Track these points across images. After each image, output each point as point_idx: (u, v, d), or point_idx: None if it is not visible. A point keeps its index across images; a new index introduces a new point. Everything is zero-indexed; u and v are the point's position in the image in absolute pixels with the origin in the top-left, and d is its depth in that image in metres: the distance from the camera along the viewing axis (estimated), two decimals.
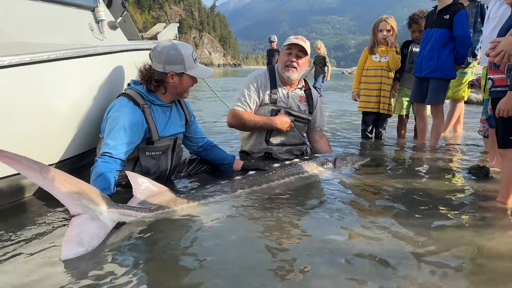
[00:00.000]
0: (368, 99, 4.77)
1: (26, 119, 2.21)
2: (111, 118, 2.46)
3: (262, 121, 3.38)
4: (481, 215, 2.32)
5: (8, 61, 1.98)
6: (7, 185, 2.26)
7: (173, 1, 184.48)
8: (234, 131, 4.08)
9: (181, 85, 2.61)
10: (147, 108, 2.53)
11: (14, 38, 2.33)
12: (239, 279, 1.57)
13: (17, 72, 2.08)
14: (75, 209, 1.86)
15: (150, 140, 2.58)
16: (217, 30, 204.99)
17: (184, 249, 1.81)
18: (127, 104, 2.49)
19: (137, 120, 2.46)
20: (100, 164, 2.30)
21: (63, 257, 1.70)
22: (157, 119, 2.60)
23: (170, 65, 2.53)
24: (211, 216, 2.18)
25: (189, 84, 2.65)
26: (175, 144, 2.77)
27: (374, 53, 4.71)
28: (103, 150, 2.37)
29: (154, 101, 2.59)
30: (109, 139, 2.38)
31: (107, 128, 2.44)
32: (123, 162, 2.40)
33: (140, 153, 2.58)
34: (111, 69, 2.82)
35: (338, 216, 2.24)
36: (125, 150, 2.41)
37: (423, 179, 3.14)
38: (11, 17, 2.37)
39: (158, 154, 2.65)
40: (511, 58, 2.18)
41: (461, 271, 1.66)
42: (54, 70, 2.32)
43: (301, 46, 3.34)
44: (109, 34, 3.23)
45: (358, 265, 1.68)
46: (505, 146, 2.45)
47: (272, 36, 11.86)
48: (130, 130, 2.42)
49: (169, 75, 2.55)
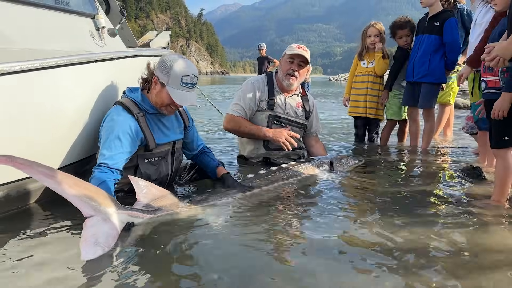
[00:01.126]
0: (357, 104, 4.93)
1: (31, 124, 2.22)
2: (105, 128, 2.45)
3: (256, 130, 3.40)
4: (476, 214, 2.40)
5: (19, 66, 2.00)
6: (14, 190, 2.28)
7: (159, 10, 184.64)
8: (229, 137, 4.12)
9: (159, 95, 2.53)
10: (142, 117, 2.51)
11: (20, 45, 2.36)
12: (243, 280, 1.60)
13: (25, 78, 2.10)
14: (87, 211, 1.90)
15: (148, 147, 2.57)
16: (204, 38, 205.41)
17: (187, 250, 1.85)
18: (121, 113, 2.47)
19: (131, 130, 2.44)
20: (97, 175, 2.28)
21: (83, 257, 1.74)
22: (153, 127, 2.58)
23: (159, 70, 2.51)
24: (214, 218, 2.23)
25: (167, 101, 2.51)
26: (174, 148, 2.77)
27: (363, 59, 4.87)
28: (99, 161, 2.36)
29: (148, 110, 2.57)
30: (105, 149, 2.37)
31: (103, 138, 2.43)
32: (120, 171, 2.39)
33: (139, 160, 2.58)
34: (113, 75, 2.85)
35: (338, 218, 2.30)
36: (122, 159, 2.39)
37: (418, 181, 3.22)
38: (17, 24, 2.40)
39: (157, 160, 2.65)
40: (506, 62, 2.28)
41: (458, 269, 1.71)
42: (60, 76, 2.34)
43: (303, 57, 3.42)
44: (109, 41, 3.27)
45: (362, 267, 1.72)
46: (499, 146, 2.54)
47: (261, 44, 11.99)
48: (125, 140, 2.40)
49: (154, 78, 2.53)
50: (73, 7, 2.89)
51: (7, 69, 1.98)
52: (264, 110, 3.50)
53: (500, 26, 2.56)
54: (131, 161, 2.51)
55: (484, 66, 2.62)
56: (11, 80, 2.05)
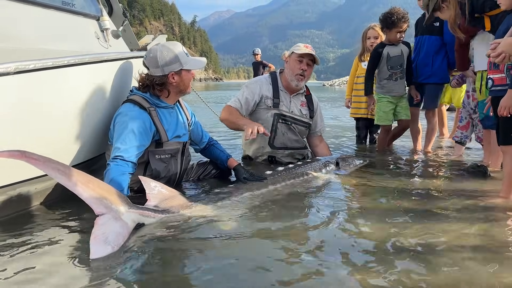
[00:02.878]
0: (359, 105, 4.96)
1: (43, 123, 2.22)
2: (119, 124, 2.50)
3: (240, 120, 3.29)
4: (485, 210, 2.41)
5: (33, 65, 2.00)
6: (24, 189, 2.26)
7: (153, 17, 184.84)
8: (228, 137, 4.10)
9: (182, 81, 2.67)
10: (153, 111, 2.58)
11: (31, 45, 2.36)
12: (253, 281, 1.58)
13: (37, 76, 2.10)
14: (98, 209, 1.89)
15: (160, 141, 2.62)
16: (198, 45, 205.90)
17: (197, 251, 1.83)
18: (133, 108, 2.53)
19: (145, 123, 2.50)
20: (113, 168, 2.33)
21: (93, 256, 1.72)
22: (163, 121, 2.65)
23: (167, 66, 2.58)
24: (223, 218, 2.22)
25: (189, 78, 2.71)
26: (184, 148, 2.81)
27: (363, 60, 4.88)
28: (114, 154, 2.40)
29: (158, 104, 2.65)
30: (119, 143, 2.42)
31: (116, 133, 2.48)
32: (134, 164, 2.44)
33: (150, 157, 2.61)
34: (121, 75, 2.85)
35: (347, 216, 2.31)
36: (136, 152, 2.45)
37: (424, 180, 3.23)
38: (28, 25, 2.41)
39: (167, 158, 2.69)
40: (511, 58, 2.31)
41: (470, 264, 1.69)
42: (70, 75, 2.35)
43: (312, 56, 3.45)
44: (113, 42, 3.28)
45: (372, 264, 1.71)
46: (507, 143, 2.56)
47: (256, 49, 12.13)
48: (139, 134, 2.46)
49: (169, 76, 2.61)
50: (78, 8, 2.91)
51: (22, 68, 1.98)
52: (270, 109, 3.51)
53: (505, 23, 2.58)
54: (142, 157, 2.54)
55: (490, 64, 2.64)
56: (25, 79, 2.04)
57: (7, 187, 2.16)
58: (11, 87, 2.00)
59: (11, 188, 2.19)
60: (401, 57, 4.21)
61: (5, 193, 2.16)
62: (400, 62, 4.21)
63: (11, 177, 2.15)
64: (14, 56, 2.04)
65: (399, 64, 4.21)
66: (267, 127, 3.49)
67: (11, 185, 2.17)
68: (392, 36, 4.18)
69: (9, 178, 2.15)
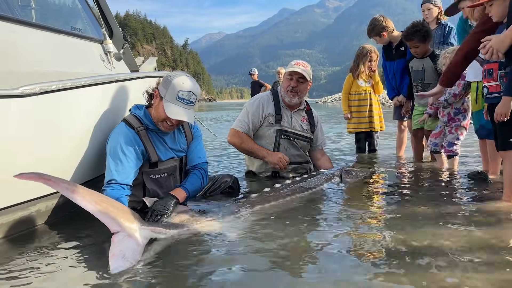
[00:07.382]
0: (360, 120, 5.24)
1: (57, 141, 2.29)
2: (109, 146, 2.48)
3: (256, 149, 3.56)
4: (488, 214, 2.46)
5: (55, 86, 2.10)
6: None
7: (145, 41, 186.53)
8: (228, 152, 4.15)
9: (157, 109, 2.52)
10: (143, 131, 2.52)
11: (47, 67, 2.46)
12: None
13: (57, 96, 2.20)
14: (114, 227, 1.93)
15: (151, 161, 2.56)
16: (190, 66, 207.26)
17: (208, 265, 1.86)
18: (122, 128, 2.50)
19: (131, 141, 2.45)
20: (109, 193, 2.30)
21: (113, 271, 1.77)
22: (154, 141, 2.58)
23: (161, 84, 2.54)
24: (232, 232, 2.24)
25: (163, 115, 2.48)
26: (181, 164, 2.75)
27: (359, 78, 5.18)
28: (108, 178, 2.38)
29: (148, 125, 2.56)
30: (111, 164, 2.40)
31: (108, 156, 2.45)
32: (130, 186, 2.42)
33: (145, 177, 2.57)
34: (128, 95, 2.92)
35: (354, 223, 2.37)
36: (129, 174, 2.42)
37: (428, 186, 3.31)
38: (43, 49, 2.53)
39: (163, 177, 2.63)
40: (499, 54, 2.45)
41: (475, 267, 1.72)
42: (85, 95, 2.45)
43: (301, 74, 3.52)
44: (116, 64, 3.36)
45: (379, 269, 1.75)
46: (505, 148, 2.63)
47: (252, 69, 12.47)
48: (129, 152, 2.42)
49: (155, 92, 2.56)
50: (84, 32, 3.00)
51: (46, 88, 2.07)
52: (272, 125, 3.59)
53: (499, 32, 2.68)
54: (137, 178, 2.51)
55: (485, 72, 2.74)
56: (48, 99, 2.13)
57: (15, 207, 2.20)
58: (37, 106, 2.09)
59: (20, 208, 2.22)
60: (421, 72, 4.21)
61: (14, 212, 2.20)
62: (420, 77, 4.23)
63: (17, 197, 2.18)
64: (36, 78, 2.13)
65: (419, 78, 4.24)
66: (270, 143, 3.58)
67: (17, 204, 2.20)
68: (412, 51, 4.25)
69: (15, 198, 2.18)
